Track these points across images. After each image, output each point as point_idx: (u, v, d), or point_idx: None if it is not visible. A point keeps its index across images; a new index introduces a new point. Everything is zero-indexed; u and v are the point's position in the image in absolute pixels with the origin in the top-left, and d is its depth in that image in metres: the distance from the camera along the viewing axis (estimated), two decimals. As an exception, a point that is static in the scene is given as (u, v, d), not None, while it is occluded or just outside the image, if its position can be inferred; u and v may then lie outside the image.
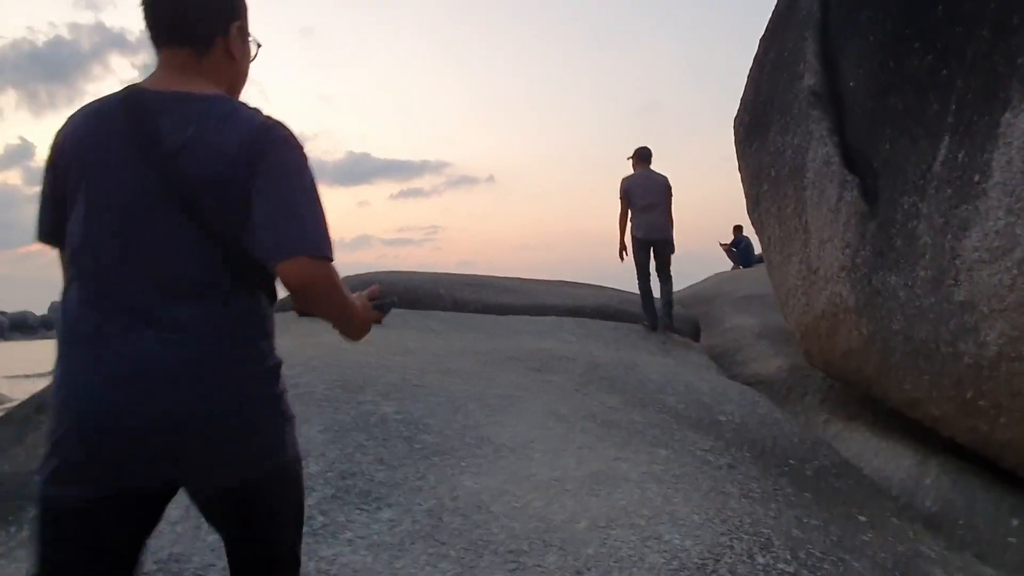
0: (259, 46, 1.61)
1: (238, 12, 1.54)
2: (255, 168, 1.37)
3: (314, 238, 1.37)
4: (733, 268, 15.66)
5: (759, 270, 13.31)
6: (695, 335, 9.04)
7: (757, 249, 16.64)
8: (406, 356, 5.74)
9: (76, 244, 1.39)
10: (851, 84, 5.71)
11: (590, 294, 9.52)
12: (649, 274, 8.05)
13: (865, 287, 4.95)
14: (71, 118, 1.45)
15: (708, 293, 12.71)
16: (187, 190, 1.35)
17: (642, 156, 8.10)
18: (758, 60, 7.01)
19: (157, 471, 1.36)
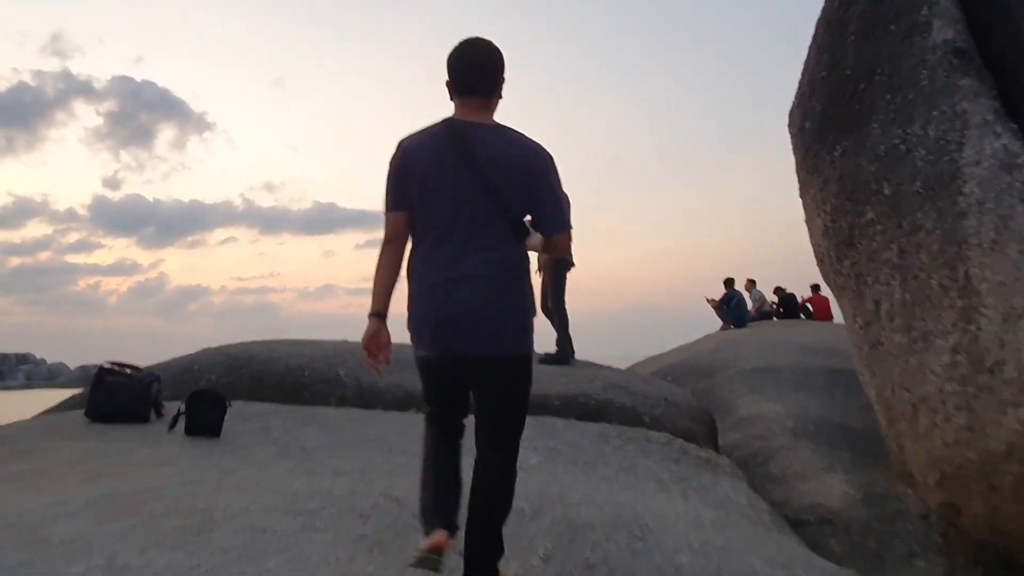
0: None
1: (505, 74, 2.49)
2: (535, 176, 2.36)
3: (567, 220, 2.45)
4: (723, 328, 13.91)
5: (759, 331, 12.31)
6: (712, 436, 6.25)
7: (750, 303, 14.64)
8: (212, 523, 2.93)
9: (426, 215, 2.36)
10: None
11: (556, 374, 6.52)
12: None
13: None
14: (410, 137, 2.43)
15: (705, 362, 10.11)
16: (493, 186, 2.31)
17: None
18: (826, 19, 4.46)
19: (472, 344, 2.35)
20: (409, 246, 2.44)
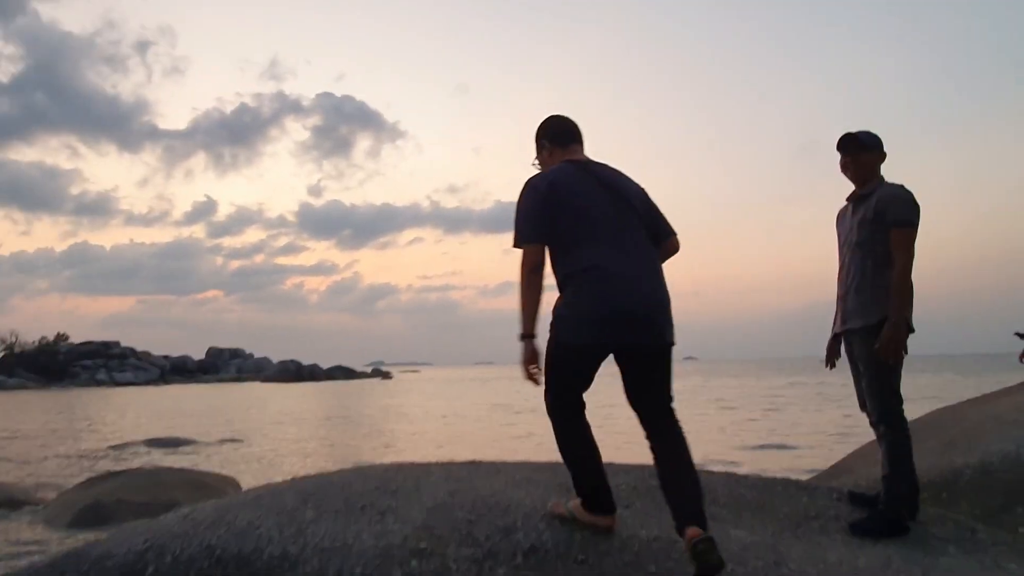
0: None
1: None
2: (648, 197, 2.94)
3: (672, 227, 2.97)
4: None
5: None
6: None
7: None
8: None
9: (586, 233, 2.72)
10: None
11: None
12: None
13: None
14: (552, 171, 2.83)
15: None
16: (631, 206, 2.81)
17: None
18: None
19: (645, 333, 2.68)
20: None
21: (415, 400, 40.53)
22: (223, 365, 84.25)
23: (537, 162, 3.08)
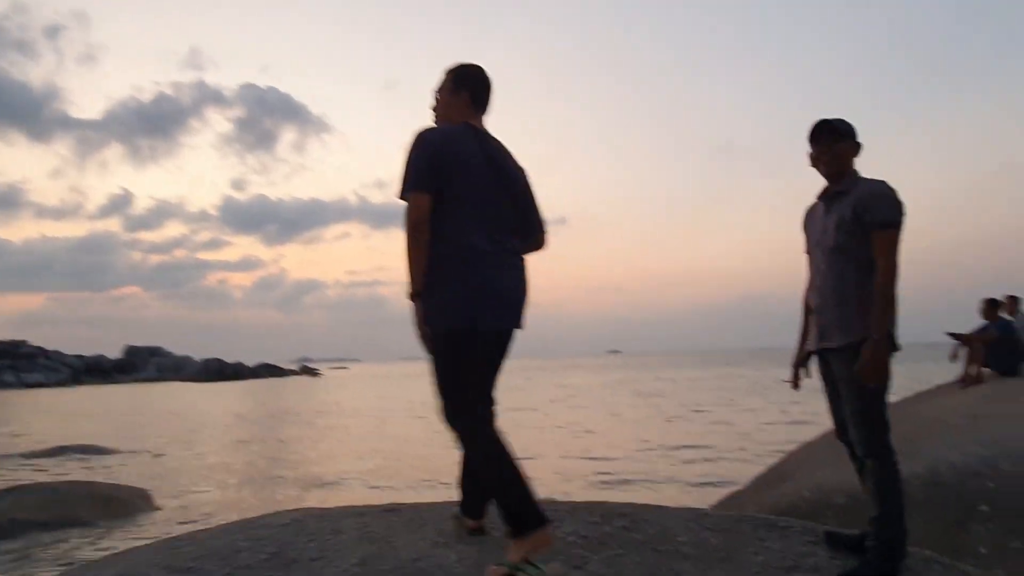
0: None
1: None
2: (528, 183, 2.80)
3: (543, 223, 2.85)
4: (967, 379, 8.38)
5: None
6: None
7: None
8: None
9: (466, 208, 2.55)
10: None
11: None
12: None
13: None
14: (452, 130, 2.65)
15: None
16: (511, 189, 2.68)
17: None
18: None
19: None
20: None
21: (342, 398, 39.74)
22: (142, 364, 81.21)
23: (437, 100, 2.81)
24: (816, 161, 3.03)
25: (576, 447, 15.70)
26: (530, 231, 2.78)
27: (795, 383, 3.20)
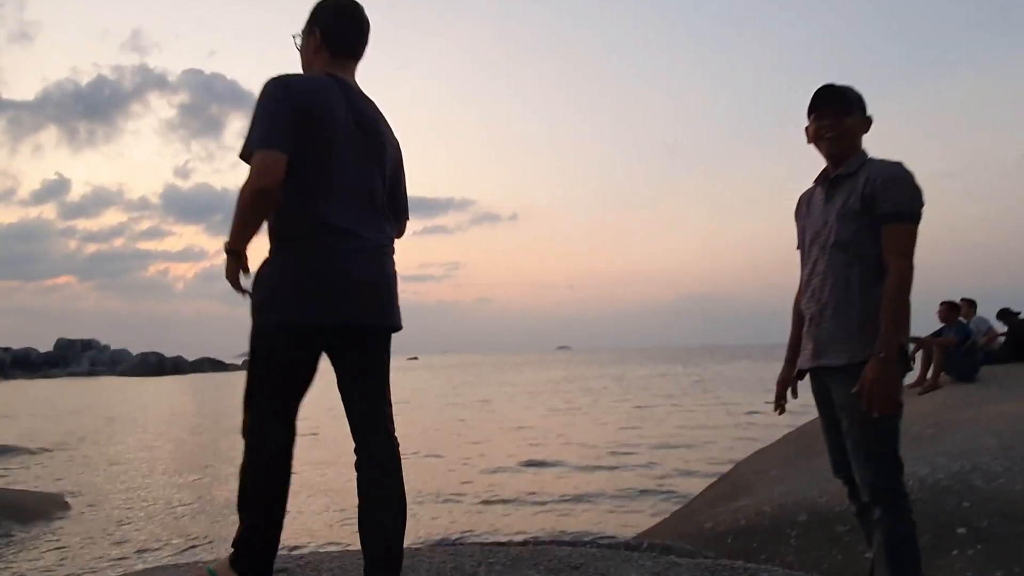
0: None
1: None
2: (401, 160, 2.38)
3: (407, 209, 2.52)
4: (923, 383, 8.25)
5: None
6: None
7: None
8: None
9: (323, 179, 2.10)
10: None
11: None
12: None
13: None
14: (311, 79, 2.17)
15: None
16: (381, 162, 2.24)
17: None
18: None
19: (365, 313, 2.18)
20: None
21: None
22: (74, 358, 77.63)
23: (297, 43, 2.34)
24: (817, 137, 2.49)
25: (520, 451, 15.14)
26: (395, 214, 2.38)
27: (780, 406, 2.68)
